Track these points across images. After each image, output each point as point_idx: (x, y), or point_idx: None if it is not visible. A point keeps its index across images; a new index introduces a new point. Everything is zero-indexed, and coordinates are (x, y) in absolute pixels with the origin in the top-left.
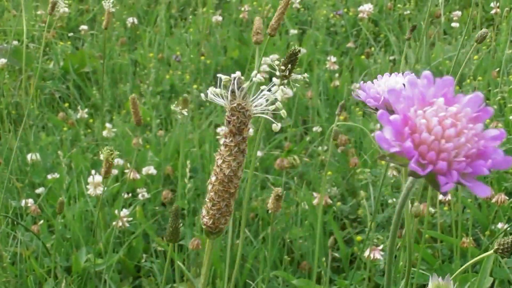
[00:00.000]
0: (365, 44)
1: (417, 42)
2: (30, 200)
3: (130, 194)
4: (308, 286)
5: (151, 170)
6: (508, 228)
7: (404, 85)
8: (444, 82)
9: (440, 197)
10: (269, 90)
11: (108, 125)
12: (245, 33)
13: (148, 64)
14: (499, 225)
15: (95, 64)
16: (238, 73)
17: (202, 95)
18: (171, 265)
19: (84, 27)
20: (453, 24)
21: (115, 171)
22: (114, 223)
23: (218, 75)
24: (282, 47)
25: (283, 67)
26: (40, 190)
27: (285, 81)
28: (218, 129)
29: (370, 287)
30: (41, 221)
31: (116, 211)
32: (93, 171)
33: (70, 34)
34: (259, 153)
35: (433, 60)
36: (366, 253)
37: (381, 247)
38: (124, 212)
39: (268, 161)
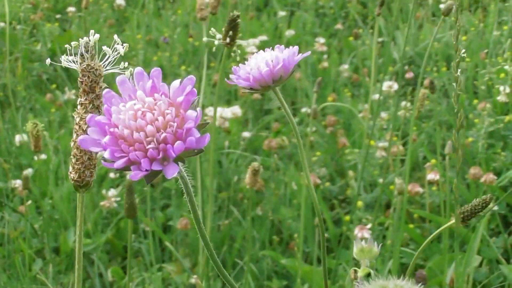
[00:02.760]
0: (353, 25)
1: (405, 23)
2: (18, 181)
3: (118, 175)
4: (296, 266)
5: None
6: (497, 208)
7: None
8: (152, 74)
9: (428, 177)
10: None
11: None
12: None
13: (136, 46)
14: None
15: None
16: (85, 38)
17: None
18: (160, 245)
19: (71, 8)
20: (441, 6)
21: None
22: (102, 203)
23: (67, 45)
24: (271, 28)
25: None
26: (27, 171)
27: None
28: (206, 110)
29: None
30: (29, 202)
31: (104, 192)
32: None
33: (58, 16)
34: (247, 134)
35: (421, 42)
36: (355, 233)
37: (369, 226)
38: (112, 192)
39: (257, 142)
